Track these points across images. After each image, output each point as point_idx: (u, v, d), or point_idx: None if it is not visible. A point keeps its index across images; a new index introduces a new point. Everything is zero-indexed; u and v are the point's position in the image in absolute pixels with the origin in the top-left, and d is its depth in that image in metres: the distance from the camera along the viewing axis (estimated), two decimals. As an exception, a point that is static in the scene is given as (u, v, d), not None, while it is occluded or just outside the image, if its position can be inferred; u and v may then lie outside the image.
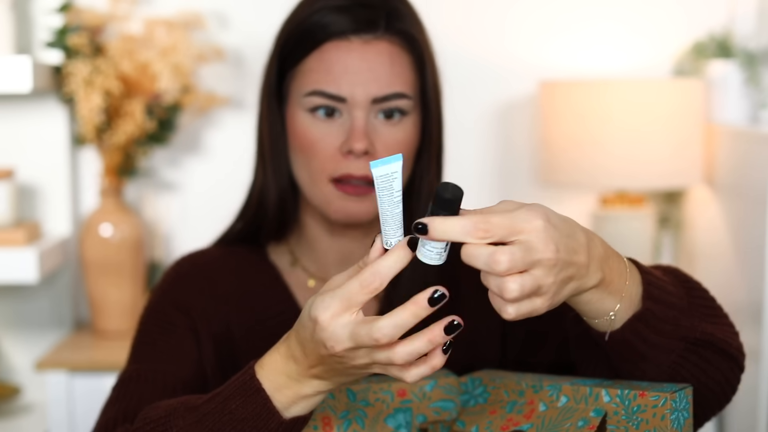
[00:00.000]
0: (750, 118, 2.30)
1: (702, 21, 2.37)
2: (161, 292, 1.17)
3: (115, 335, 2.19)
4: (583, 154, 2.13)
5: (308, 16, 1.10)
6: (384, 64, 1.09)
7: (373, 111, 1.10)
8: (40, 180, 2.26)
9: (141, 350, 1.14)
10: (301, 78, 1.10)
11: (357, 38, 1.09)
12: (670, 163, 2.13)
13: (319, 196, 1.11)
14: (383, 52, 1.09)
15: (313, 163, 1.10)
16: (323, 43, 1.09)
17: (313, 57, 1.09)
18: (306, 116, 1.10)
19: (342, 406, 0.96)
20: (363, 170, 1.08)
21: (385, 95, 1.09)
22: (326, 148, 1.09)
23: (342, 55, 1.08)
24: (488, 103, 2.41)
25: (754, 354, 1.93)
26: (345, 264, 1.16)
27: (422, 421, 0.96)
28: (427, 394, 0.96)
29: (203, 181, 2.37)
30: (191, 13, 2.24)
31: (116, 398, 1.09)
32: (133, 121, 2.12)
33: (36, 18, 2.26)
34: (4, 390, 2.16)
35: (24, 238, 2.03)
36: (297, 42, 1.11)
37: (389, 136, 1.10)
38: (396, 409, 0.96)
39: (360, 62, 1.08)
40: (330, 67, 1.08)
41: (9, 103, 2.23)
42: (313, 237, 1.18)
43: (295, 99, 1.11)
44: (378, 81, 1.09)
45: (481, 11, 2.38)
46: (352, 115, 1.09)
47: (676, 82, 2.22)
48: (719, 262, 2.17)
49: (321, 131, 1.09)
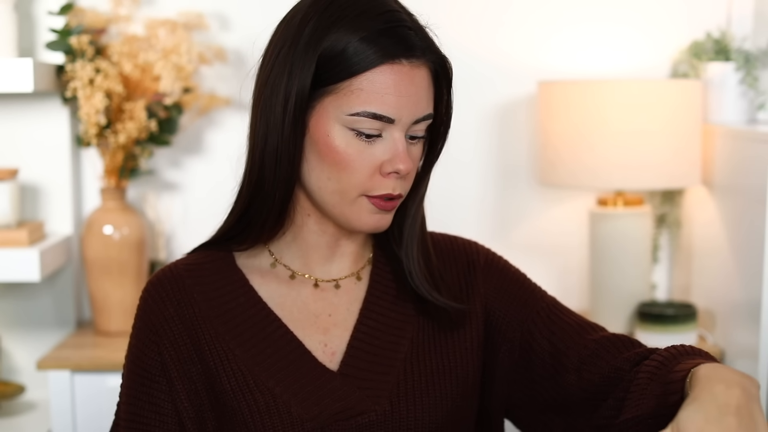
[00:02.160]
0: (747, 118, 2.31)
1: (700, 22, 2.39)
2: (136, 329, 1.20)
3: (117, 335, 2.20)
4: (582, 154, 2.14)
5: (353, 38, 1.08)
6: (425, 88, 1.12)
7: (408, 132, 1.13)
8: (43, 180, 2.27)
9: (126, 409, 1.18)
10: (346, 96, 1.09)
11: (408, 62, 1.10)
12: (668, 164, 2.14)
13: (346, 209, 1.13)
14: (425, 76, 1.12)
15: (348, 179, 1.11)
16: (377, 66, 1.09)
17: (365, 78, 1.08)
18: (346, 133, 1.10)
19: None
20: (400, 189, 1.12)
21: (424, 116, 1.13)
22: (365, 167, 1.10)
23: (396, 78, 1.09)
24: (487, 104, 2.42)
25: (751, 353, 1.94)
26: (330, 260, 1.20)
27: None
28: None
29: (205, 181, 2.38)
30: (193, 13, 2.25)
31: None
32: (135, 122, 2.13)
33: (38, 19, 2.27)
34: (7, 388, 2.17)
35: (26, 237, 2.04)
36: (343, 61, 1.09)
37: (415, 155, 1.15)
38: None
39: (410, 86, 1.10)
40: (383, 90, 1.09)
41: (11, 104, 2.24)
42: (303, 236, 1.19)
43: (332, 112, 1.10)
44: (420, 104, 1.12)
45: (480, 11, 2.39)
46: (393, 135, 1.11)
47: (674, 83, 2.23)
48: (717, 261, 2.18)
49: (362, 150, 1.10)
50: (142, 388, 1.17)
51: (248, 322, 1.17)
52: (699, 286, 2.30)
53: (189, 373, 1.16)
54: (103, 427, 1.23)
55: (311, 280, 1.20)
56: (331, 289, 1.21)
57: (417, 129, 1.13)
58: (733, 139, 2.12)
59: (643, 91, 2.14)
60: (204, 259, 1.22)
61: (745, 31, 2.38)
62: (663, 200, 2.41)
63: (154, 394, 1.16)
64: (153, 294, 1.19)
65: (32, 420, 2.15)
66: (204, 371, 1.15)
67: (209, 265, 1.21)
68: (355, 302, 1.21)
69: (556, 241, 2.45)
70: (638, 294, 2.24)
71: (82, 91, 2.09)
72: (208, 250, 1.23)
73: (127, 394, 1.18)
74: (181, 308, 1.17)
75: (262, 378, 1.14)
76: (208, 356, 1.15)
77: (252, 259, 1.21)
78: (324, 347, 1.17)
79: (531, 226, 2.45)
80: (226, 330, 1.16)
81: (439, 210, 2.41)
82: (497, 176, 2.44)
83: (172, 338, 1.16)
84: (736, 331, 2.06)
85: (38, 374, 2.27)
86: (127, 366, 1.20)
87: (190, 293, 1.18)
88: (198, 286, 1.19)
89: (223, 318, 1.17)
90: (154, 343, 1.16)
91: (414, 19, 1.14)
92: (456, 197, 2.43)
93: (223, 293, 1.19)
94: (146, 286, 1.21)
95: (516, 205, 2.45)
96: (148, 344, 1.17)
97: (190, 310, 1.17)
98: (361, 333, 1.18)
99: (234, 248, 1.21)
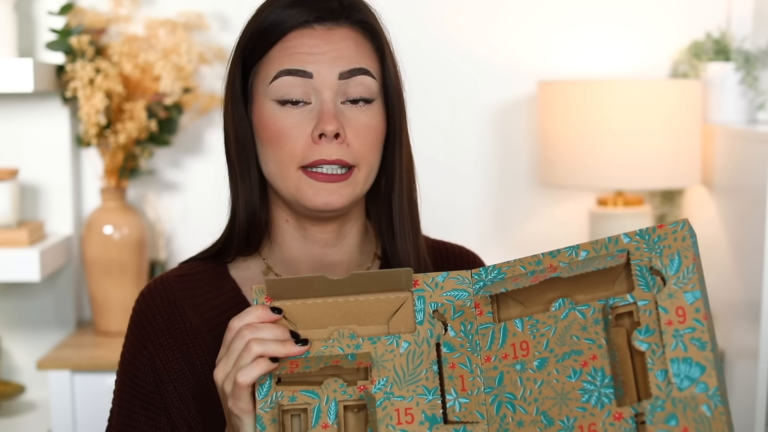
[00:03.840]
0: (747, 118, 2.31)
1: (700, 22, 2.39)
2: (129, 342, 1.18)
3: (117, 335, 2.20)
4: (582, 154, 2.14)
5: (268, 13, 1.10)
6: (349, 47, 1.09)
7: (340, 95, 1.09)
8: (43, 180, 2.27)
9: (120, 420, 1.16)
10: (264, 70, 1.09)
11: (320, 26, 1.08)
12: (667, 164, 2.14)
13: (290, 186, 1.09)
14: (347, 37, 1.09)
15: (282, 153, 1.08)
16: (286, 34, 1.08)
17: (277, 47, 1.08)
18: (273, 106, 1.09)
19: None
20: (336, 155, 1.07)
21: (351, 69, 1.08)
22: (296, 136, 1.07)
23: (306, 39, 1.08)
24: (487, 104, 2.42)
25: (751, 353, 1.94)
26: (317, 269, 1.16)
27: (435, 308, 1.00)
28: (439, 284, 1.00)
29: (205, 181, 2.38)
30: (192, 14, 2.25)
31: None
32: (135, 122, 2.14)
33: (38, 19, 2.27)
34: (8, 388, 2.17)
35: (27, 237, 2.04)
36: (258, 39, 1.10)
37: (358, 120, 1.09)
38: None
39: (324, 45, 1.08)
40: (294, 50, 1.07)
41: (12, 104, 2.24)
42: (286, 244, 1.16)
43: (260, 92, 1.10)
44: (343, 59, 1.08)
45: (480, 11, 2.39)
46: (320, 98, 1.08)
47: (673, 83, 2.23)
48: (717, 261, 2.18)
49: (290, 119, 1.08)
50: (136, 401, 1.15)
51: None
52: (699, 286, 2.30)
53: (181, 387, 1.14)
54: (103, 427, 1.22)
55: None
56: None
57: (351, 91, 1.09)
58: (733, 139, 2.12)
59: (643, 91, 2.14)
60: (196, 269, 1.19)
61: (745, 31, 2.38)
62: (663, 200, 2.41)
63: (150, 412, 1.14)
64: (143, 307, 1.17)
65: (32, 420, 2.15)
66: (196, 385, 1.13)
67: (201, 276, 1.18)
68: None
69: (556, 241, 2.45)
70: (638, 294, 2.23)
71: (82, 91, 2.09)
72: (202, 260, 1.20)
73: (121, 405, 1.17)
74: (171, 322, 1.15)
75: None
76: (200, 370, 1.13)
77: (246, 270, 1.19)
78: None
79: (531, 226, 2.45)
80: (218, 344, 1.12)
81: (439, 210, 2.42)
82: (497, 176, 2.44)
83: (164, 353, 1.14)
84: (736, 331, 2.06)
85: (38, 374, 2.27)
86: (120, 378, 1.18)
87: (181, 306, 1.15)
88: (189, 299, 1.16)
89: (215, 332, 1.14)
90: (147, 359, 1.14)
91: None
92: (456, 197, 2.43)
93: (215, 305, 1.16)
94: (138, 298, 1.19)
95: (516, 205, 2.45)
96: (142, 360, 1.15)
97: (181, 324, 1.15)
98: None
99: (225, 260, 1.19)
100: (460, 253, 1.26)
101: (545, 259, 0.97)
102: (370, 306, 0.99)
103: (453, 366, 0.96)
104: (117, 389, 1.18)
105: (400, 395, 0.96)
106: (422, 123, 2.30)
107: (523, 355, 0.95)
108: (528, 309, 0.97)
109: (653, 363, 0.89)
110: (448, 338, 0.98)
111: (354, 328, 0.99)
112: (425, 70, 2.37)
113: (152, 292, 1.17)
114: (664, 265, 0.91)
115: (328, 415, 0.96)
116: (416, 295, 0.99)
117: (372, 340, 0.98)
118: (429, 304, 0.99)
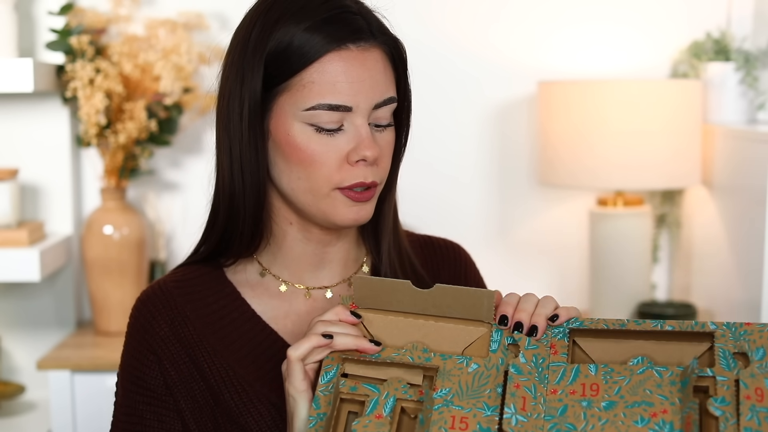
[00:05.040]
0: (747, 118, 2.31)
1: (700, 22, 2.39)
2: (132, 349, 1.17)
3: (116, 335, 2.20)
4: (582, 154, 2.14)
5: (296, 31, 1.07)
6: (381, 71, 1.09)
7: (370, 119, 1.10)
8: (43, 180, 2.27)
9: (131, 429, 1.15)
10: (298, 91, 1.07)
11: (356, 47, 1.08)
12: (667, 164, 2.14)
13: (322, 205, 1.10)
14: (379, 59, 1.09)
15: (317, 175, 1.08)
16: (323, 56, 1.07)
17: (314, 69, 1.07)
18: (306, 129, 1.08)
19: None
20: (371, 177, 1.09)
21: (384, 100, 1.10)
22: (332, 160, 1.08)
23: (345, 65, 1.07)
24: (487, 104, 2.42)
25: (751, 353, 1.94)
26: (319, 268, 1.18)
27: (511, 342, 1.02)
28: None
29: (205, 181, 2.37)
30: (192, 13, 2.25)
31: None
32: (135, 122, 2.14)
33: (38, 19, 2.27)
34: (8, 388, 2.17)
35: (27, 237, 2.04)
36: (291, 55, 1.08)
37: (384, 140, 1.11)
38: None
39: (362, 71, 1.07)
40: (334, 78, 1.07)
41: (12, 104, 2.24)
42: (288, 245, 1.17)
43: (289, 111, 1.08)
44: (378, 88, 1.09)
45: (480, 11, 2.39)
46: (355, 124, 1.08)
47: (673, 83, 2.23)
48: (717, 261, 2.18)
49: (326, 143, 1.08)
50: (146, 406, 1.14)
51: (244, 337, 1.15)
52: (699, 286, 2.30)
53: (192, 391, 1.13)
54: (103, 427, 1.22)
55: (302, 290, 1.18)
56: (323, 298, 1.18)
57: (380, 116, 1.10)
58: (733, 139, 2.12)
59: (643, 91, 2.14)
60: (192, 274, 1.19)
61: (745, 31, 2.38)
62: (663, 200, 2.41)
63: (161, 413, 1.13)
64: (144, 313, 1.16)
65: (32, 420, 2.15)
66: (207, 387, 1.13)
67: (198, 280, 1.18)
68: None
69: (556, 241, 2.45)
70: (638, 294, 2.24)
71: (82, 91, 2.09)
72: (194, 264, 1.20)
73: (128, 413, 1.15)
74: (175, 327, 1.15)
75: (264, 392, 1.12)
76: (209, 373, 1.13)
77: (241, 273, 1.19)
78: None
79: (531, 226, 2.45)
80: (223, 347, 1.14)
81: (439, 210, 2.42)
82: (497, 176, 2.44)
83: (172, 357, 1.14)
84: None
85: (38, 374, 2.27)
86: (125, 386, 1.16)
87: (182, 311, 1.15)
88: (189, 304, 1.16)
89: (219, 335, 1.14)
90: (155, 363, 1.14)
91: (360, 3, 1.12)
92: (456, 197, 2.43)
93: (216, 309, 1.16)
94: (136, 304, 1.18)
95: (516, 205, 2.45)
96: (148, 364, 1.14)
97: (185, 328, 1.15)
98: None
99: (222, 263, 1.19)
100: (445, 246, 1.28)
101: (630, 324, 0.98)
102: (450, 333, 1.02)
103: (517, 386, 0.97)
104: (121, 397, 1.17)
105: (459, 405, 0.97)
106: (422, 123, 2.30)
107: (592, 395, 0.95)
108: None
109: (725, 428, 0.89)
110: (517, 362, 0.98)
111: (429, 345, 1.03)
112: (425, 69, 2.37)
113: (151, 298, 1.17)
114: (750, 349, 0.94)
115: (384, 408, 0.98)
116: (495, 329, 1.02)
117: (443, 356, 1.01)
118: (506, 338, 1.01)
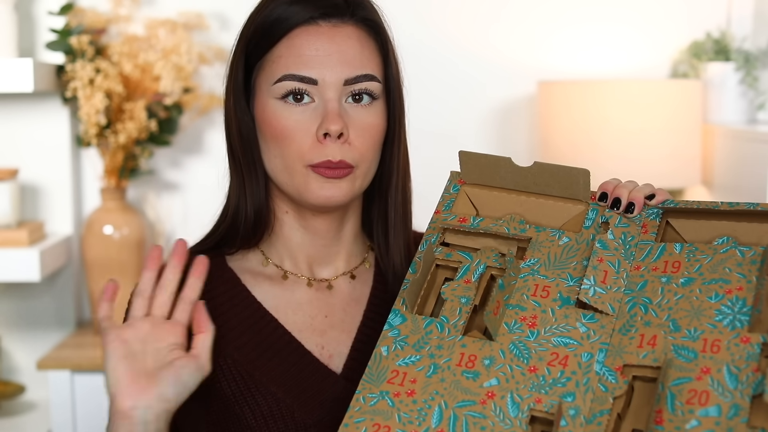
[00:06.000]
0: (747, 118, 2.32)
1: (700, 22, 2.39)
2: None
3: (117, 334, 2.20)
4: (582, 154, 2.15)
5: (273, 8, 1.10)
6: (354, 47, 1.10)
7: (344, 94, 1.10)
8: (43, 180, 2.27)
9: None
10: (269, 67, 1.10)
11: (325, 23, 1.09)
12: (668, 164, 2.14)
13: (296, 183, 1.11)
14: (351, 36, 1.10)
15: (288, 151, 1.09)
16: (291, 30, 1.09)
17: (282, 44, 1.09)
18: (277, 104, 1.09)
19: None
20: (339, 155, 1.08)
21: (356, 76, 1.09)
22: (301, 134, 1.09)
23: (311, 38, 1.08)
24: (487, 104, 2.42)
25: (751, 353, 1.94)
26: (320, 257, 1.18)
27: (605, 220, 1.06)
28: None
29: (205, 181, 2.38)
30: (192, 13, 2.25)
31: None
32: (135, 122, 2.14)
33: (38, 19, 2.27)
34: (8, 388, 2.17)
35: (27, 237, 2.04)
36: (263, 34, 1.10)
37: (361, 119, 1.10)
38: None
39: (330, 45, 1.08)
40: (300, 51, 1.08)
41: (12, 104, 2.24)
42: (285, 235, 1.18)
43: (264, 89, 1.11)
44: (348, 63, 1.09)
45: (480, 11, 2.39)
46: (324, 98, 1.09)
47: (673, 83, 2.23)
48: (717, 261, 2.18)
49: (294, 117, 1.09)
50: None
51: (244, 324, 1.15)
52: (699, 286, 2.30)
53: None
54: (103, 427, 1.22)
55: (303, 279, 1.18)
56: (324, 289, 1.19)
57: (357, 92, 1.10)
58: (732, 139, 2.12)
59: (643, 91, 2.14)
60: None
61: (745, 31, 2.38)
62: (663, 200, 2.41)
63: None
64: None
65: (32, 420, 2.15)
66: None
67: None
68: (352, 303, 1.19)
69: (556, 241, 2.45)
70: (638, 294, 2.24)
71: (82, 91, 2.09)
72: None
73: None
74: None
75: (263, 382, 1.11)
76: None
77: (243, 261, 1.19)
78: (321, 350, 1.15)
79: (531, 226, 2.45)
80: (222, 334, 1.13)
81: (439, 210, 2.42)
82: (497, 176, 2.44)
83: None
84: (736, 331, 2.06)
85: (38, 374, 2.27)
86: None
87: None
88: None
89: (218, 321, 1.13)
90: None
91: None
92: (456, 197, 2.43)
93: (216, 295, 1.16)
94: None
95: (516, 205, 2.45)
96: None
97: None
98: (365, 335, 1.16)
99: (225, 251, 1.19)
100: None
101: (722, 205, 1.02)
102: (549, 209, 1.09)
103: (600, 260, 1.01)
104: None
105: (544, 274, 1.02)
106: (422, 122, 2.30)
107: (673, 271, 0.99)
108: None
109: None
110: (604, 238, 1.02)
111: (527, 218, 1.08)
112: (426, 69, 2.37)
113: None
114: None
115: (474, 274, 1.04)
116: (591, 208, 1.07)
117: (538, 228, 1.07)
118: (600, 216, 1.06)
